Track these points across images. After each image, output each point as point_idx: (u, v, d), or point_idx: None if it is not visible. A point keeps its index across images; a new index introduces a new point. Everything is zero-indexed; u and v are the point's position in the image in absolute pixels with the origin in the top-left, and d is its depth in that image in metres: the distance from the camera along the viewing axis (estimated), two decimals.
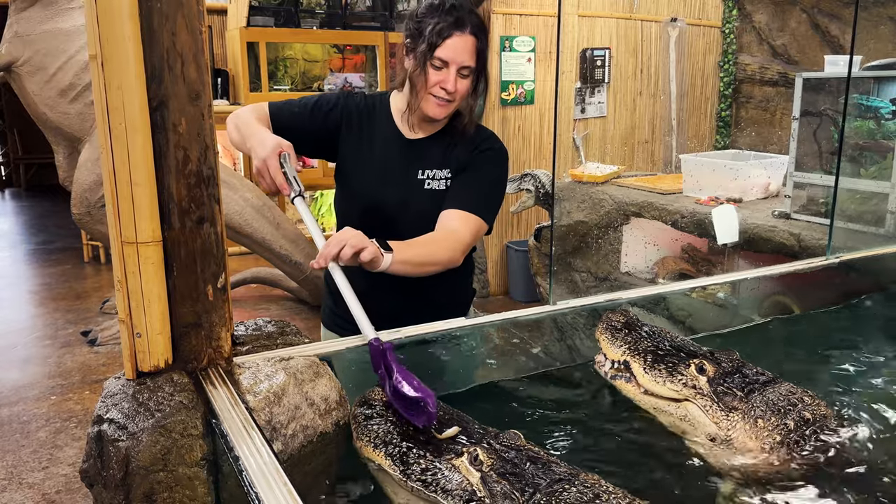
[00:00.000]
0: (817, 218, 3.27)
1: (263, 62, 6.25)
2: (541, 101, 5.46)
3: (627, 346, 1.42)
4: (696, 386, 1.32)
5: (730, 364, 1.37)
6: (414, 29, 1.76)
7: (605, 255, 4.32)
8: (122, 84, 1.18)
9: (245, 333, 1.49)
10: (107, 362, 4.15)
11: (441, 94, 1.74)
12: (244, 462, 1.06)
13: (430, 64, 1.72)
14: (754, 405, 1.28)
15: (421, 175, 1.85)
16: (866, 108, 3.11)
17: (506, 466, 1.07)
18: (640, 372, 1.37)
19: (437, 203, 1.82)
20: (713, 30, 6.24)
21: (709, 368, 1.33)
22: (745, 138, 6.15)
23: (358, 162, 1.89)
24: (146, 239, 1.23)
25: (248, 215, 4.58)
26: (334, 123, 1.88)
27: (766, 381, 1.34)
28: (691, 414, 1.32)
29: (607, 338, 1.46)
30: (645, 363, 1.37)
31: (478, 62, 1.75)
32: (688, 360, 1.36)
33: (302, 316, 5.00)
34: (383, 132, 1.88)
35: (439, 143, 1.88)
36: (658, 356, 1.38)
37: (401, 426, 1.17)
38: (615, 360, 1.43)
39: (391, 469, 1.12)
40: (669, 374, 1.34)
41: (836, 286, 2.18)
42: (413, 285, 1.74)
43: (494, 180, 1.90)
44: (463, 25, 1.70)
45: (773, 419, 1.26)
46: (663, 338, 1.45)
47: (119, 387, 1.25)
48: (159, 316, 1.26)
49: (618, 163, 5.27)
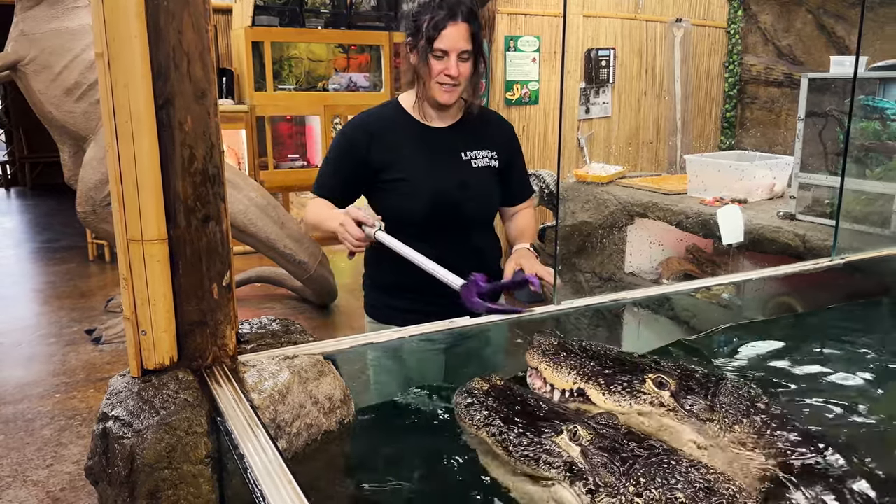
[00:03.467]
0: (822, 219, 3.26)
1: (268, 61, 6.26)
2: (545, 101, 5.46)
3: (575, 371, 1.31)
4: (663, 402, 1.26)
5: (678, 371, 1.32)
6: (412, 27, 1.89)
7: (610, 255, 4.32)
8: (129, 82, 1.18)
9: (250, 332, 1.50)
10: (111, 360, 4.16)
11: (446, 81, 1.87)
12: (249, 460, 1.06)
13: (431, 56, 1.85)
14: (724, 410, 1.25)
15: (465, 156, 1.99)
16: (872, 109, 3.10)
17: (604, 442, 1.12)
18: (600, 399, 1.28)
19: (491, 180, 2.02)
20: (718, 30, 6.23)
21: (669, 382, 1.28)
22: (750, 139, 6.14)
23: (402, 160, 1.95)
24: (152, 237, 1.23)
25: (253, 214, 4.58)
26: (362, 153, 1.95)
27: (716, 382, 1.31)
28: (666, 426, 1.26)
29: (549, 365, 1.34)
30: (601, 388, 1.29)
31: (474, 45, 1.88)
32: (640, 376, 1.29)
33: (306, 315, 5.00)
34: (411, 128, 1.97)
35: (466, 128, 2.01)
36: (609, 377, 1.30)
37: (502, 411, 1.21)
38: (565, 390, 1.32)
39: (496, 446, 1.16)
40: (631, 396, 1.27)
41: (842, 287, 2.18)
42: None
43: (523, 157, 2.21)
44: (455, 15, 1.83)
45: (745, 420, 1.23)
46: (600, 354, 1.37)
47: (124, 384, 1.26)
48: (164, 314, 1.26)
49: (622, 163, 5.26)
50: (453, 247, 1.96)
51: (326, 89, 6.69)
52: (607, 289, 4.24)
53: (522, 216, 2.17)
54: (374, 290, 2.11)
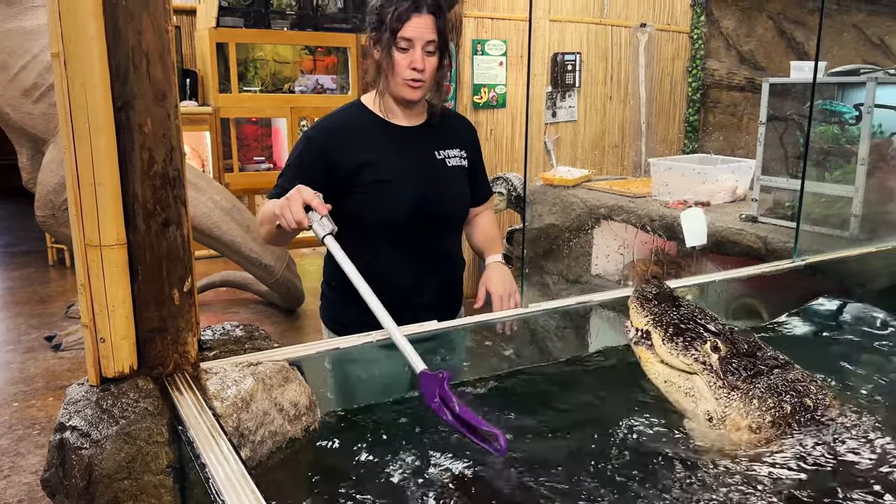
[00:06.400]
0: (783, 221, 3.32)
1: (233, 63, 6.18)
2: (512, 104, 5.48)
3: (653, 316, 1.52)
4: (707, 362, 1.41)
5: (746, 346, 1.45)
6: (375, 21, 1.83)
7: (576, 257, 4.35)
8: (86, 83, 1.15)
9: (212, 338, 1.47)
10: (71, 368, 4.06)
11: (412, 75, 1.80)
12: (211, 470, 1.04)
13: (396, 48, 1.79)
14: (756, 386, 1.36)
15: (439, 156, 1.95)
16: (831, 113, 3.16)
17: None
18: (658, 342, 1.47)
19: (464, 181, 1.99)
20: (682, 35, 6.32)
21: (722, 348, 1.42)
22: (713, 143, 6.23)
23: (380, 162, 1.87)
24: (110, 242, 1.21)
25: (217, 218, 4.52)
26: (333, 156, 1.86)
27: (776, 366, 1.42)
28: (697, 387, 1.40)
29: (636, 307, 1.55)
30: (665, 334, 1.47)
31: (439, 38, 1.82)
32: (706, 338, 1.45)
33: (272, 320, 4.95)
34: (382, 129, 1.91)
35: (434, 127, 1.96)
36: (679, 329, 1.47)
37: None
38: (639, 329, 1.52)
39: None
40: (685, 348, 1.43)
41: (802, 288, 2.22)
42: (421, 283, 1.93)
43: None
44: (420, 7, 1.78)
45: (771, 401, 1.33)
46: (692, 314, 1.53)
47: (82, 393, 1.23)
48: (124, 320, 1.23)
49: (588, 166, 5.30)
50: (429, 251, 1.94)
51: (293, 91, 6.63)
52: (574, 291, 4.27)
53: (485, 220, 2.15)
54: (332, 299, 2.02)
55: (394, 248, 1.89)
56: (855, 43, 5.31)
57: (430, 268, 1.95)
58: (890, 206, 3.16)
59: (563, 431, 1.41)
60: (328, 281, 2.03)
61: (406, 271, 1.91)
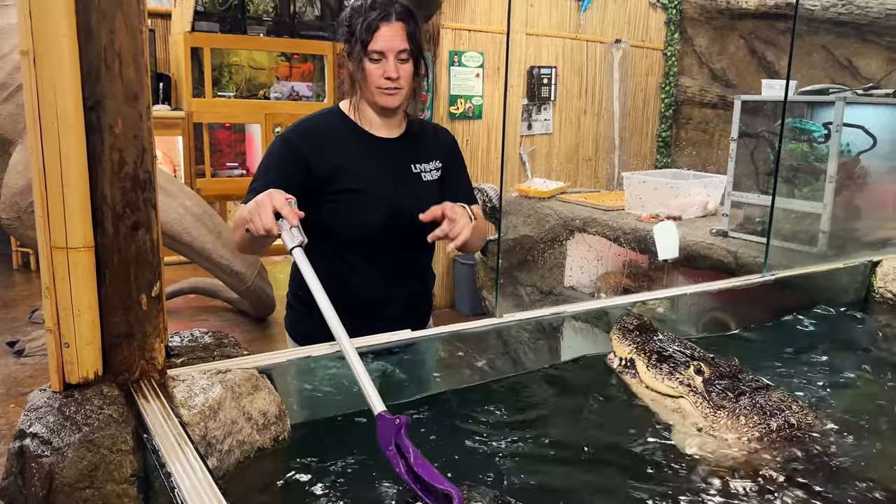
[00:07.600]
0: (753, 236, 3.36)
1: (207, 68, 6.13)
2: (489, 116, 5.50)
3: (635, 345, 1.60)
4: (692, 385, 1.47)
5: (727, 369, 1.52)
6: (347, 33, 1.81)
7: (550, 269, 4.36)
8: (56, 82, 1.13)
9: (180, 345, 1.44)
10: (34, 374, 3.97)
11: (387, 84, 1.78)
12: (176, 479, 1.02)
13: (367, 60, 1.77)
14: (741, 405, 1.42)
15: (415, 169, 1.92)
16: (801, 132, 3.22)
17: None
18: (642, 369, 1.55)
19: (438, 196, 1.88)
20: (656, 52, 6.40)
21: (706, 370, 1.48)
22: (685, 158, 6.32)
23: (355, 171, 1.84)
24: (77, 244, 1.18)
25: (188, 223, 4.45)
26: (309, 160, 1.81)
27: (758, 387, 1.48)
28: (683, 409, 1.47)
29: (618, 337, 1.65)
30: (648, 361, 1.55)
31: (412, 44, 1.80)
32: (688, 363, 1.51)
33: (242, 328, 4.89)
34: (359, 138, 1.87)
35: (412, 140, 1.94)
36: (662, 356, 1.55)
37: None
38: (622, 358, 1.62)
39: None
40: (669, 373, 1.51)
41: (771, 303, 2.24)
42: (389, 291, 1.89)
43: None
44: (388, 16, 1.76)
45: (756, 418, 1.39)
46: (672, 342, 1.62)
47: (44, 399, 1.19)
48: (89, 325, 1.20)
49: (563, 179, 5.33)
50: (399, 263, 1.92)
51: (268, 97, 6.59)
52: (547, 302, 4.28)
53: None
54: (299, 311, 1.96)
55: (364, 258, 1.87)
56: (823, 63, 5.42)
57: (399, 280, 1.93)
58: (857, 223, 3.22)
59: (537, 441, 1.41)
60: (294, 291, 1.99)
61: (376, 283, 1.89)
